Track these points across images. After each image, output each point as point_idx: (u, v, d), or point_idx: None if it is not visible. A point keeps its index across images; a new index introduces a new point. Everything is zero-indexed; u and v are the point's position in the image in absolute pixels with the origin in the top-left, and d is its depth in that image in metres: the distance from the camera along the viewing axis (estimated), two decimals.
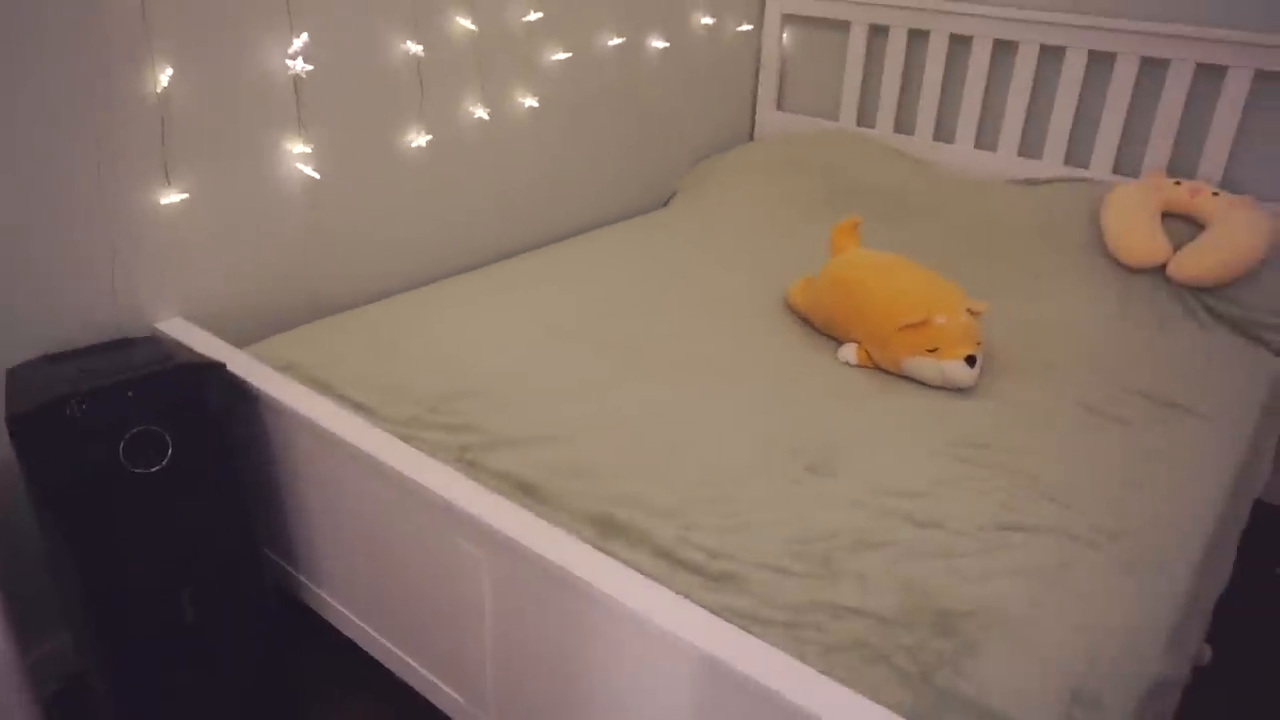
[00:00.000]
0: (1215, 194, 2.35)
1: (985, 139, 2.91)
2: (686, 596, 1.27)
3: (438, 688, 1.64)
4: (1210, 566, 1.59)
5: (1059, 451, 1.66)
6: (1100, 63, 2.64)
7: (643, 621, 1.20)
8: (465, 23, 2.26)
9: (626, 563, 1.34)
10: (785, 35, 3.24)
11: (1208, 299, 2.25)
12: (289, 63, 1.93)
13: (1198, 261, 2.24)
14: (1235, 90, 2.42)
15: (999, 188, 2.70)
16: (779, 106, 3.33)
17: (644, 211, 3.05)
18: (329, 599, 1.83)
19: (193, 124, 1.82)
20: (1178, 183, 2.41)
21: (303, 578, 1.88)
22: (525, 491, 1.49)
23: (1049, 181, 2.72)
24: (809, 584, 1.30)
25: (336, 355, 1.86)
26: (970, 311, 1.88)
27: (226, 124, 1.87)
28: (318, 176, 2.05)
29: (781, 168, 2.95)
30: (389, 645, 1.72)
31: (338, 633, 1.92)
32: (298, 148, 2.00)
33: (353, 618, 1.78)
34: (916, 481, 1.54)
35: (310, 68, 1.97)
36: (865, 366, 1.95)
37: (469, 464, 1.56)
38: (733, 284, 2.33)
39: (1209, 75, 2.49)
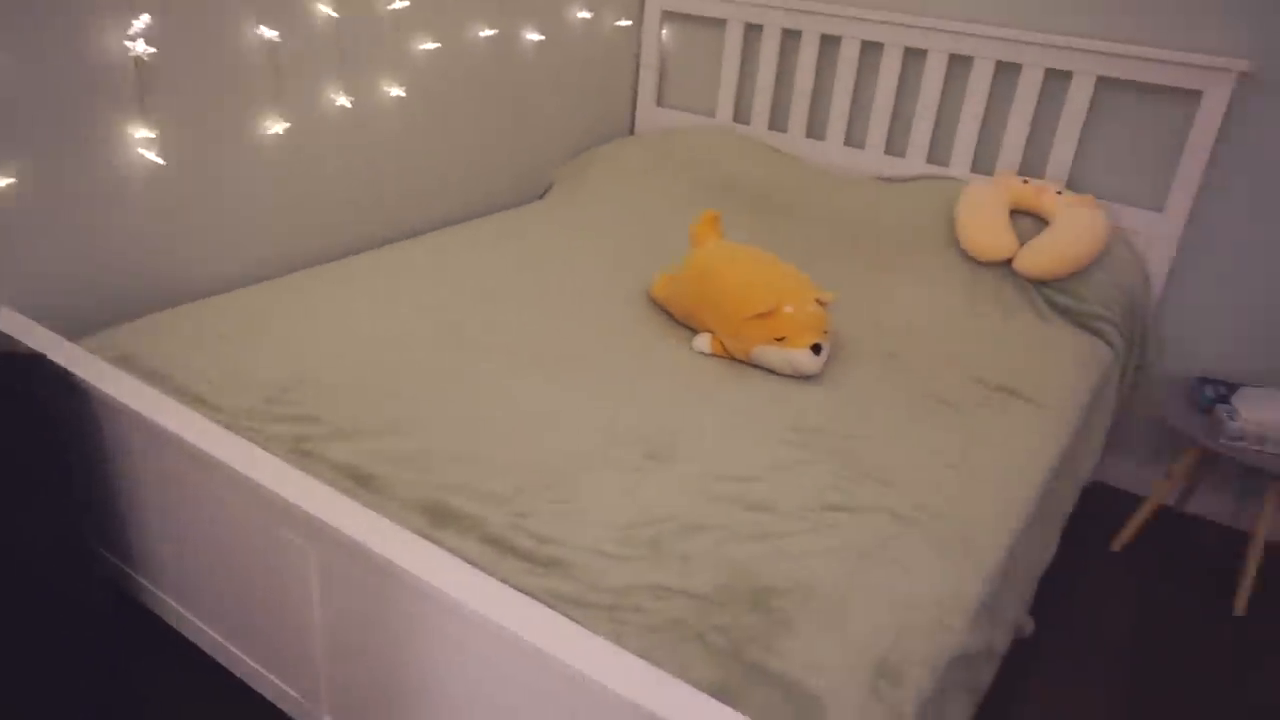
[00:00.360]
0: (1059, 193, 2.47)
1: (854, 136, 2.99)
2: (508, 582, 1.28)
3: (275, 685, 1.61)
4: (1030, 543, 1.67)
5: (891, 435, 1.72)
6: (960, 66, 2.75)
7: (459, 608, 1.20)
8: (325, 9, 2.22)
9: (454, 550, 1.34)
10: (665, 31, 3.27)
11: (1048, 292, 2.36)
12: (129, 44, 1.87)
13: (1040, 256, 2.34)
14: (1079, 94, 2.54)
15: (864, 184, 2.78)
16: (659, 102, 3.37)
17: (519, 204, 3.04)
18: (168, 599, 1.78)
19: (21, 106, 1.74)
20: (1026, 181, 2.52)
21: (141, 578, 1.82)
22: (360, 482, 1.48)
23: (913, 179, 2.81)
24: (634, 567, 1.32)
25: (179, 346, 1.81)
26: (818, 301, 1.93)
27: (61, 106, 1.79)
28: (163, 163, 1.99)
29: (657, 162, 2.98)
30: (227, 644, 1.68)
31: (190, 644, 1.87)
32: (140, 132, 1.93)
33: (192, 618, 1.74)
34: (752, 466, 1.58)
35: (153, 50, 1.91)
36: (719, 356, 1.98)
37: (304, 455, 1.54)
38: (600, 276, 2.35)
39: (1058, 80, 2.61)
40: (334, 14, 2.24)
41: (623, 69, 3.28)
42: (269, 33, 2.10)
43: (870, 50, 2.88)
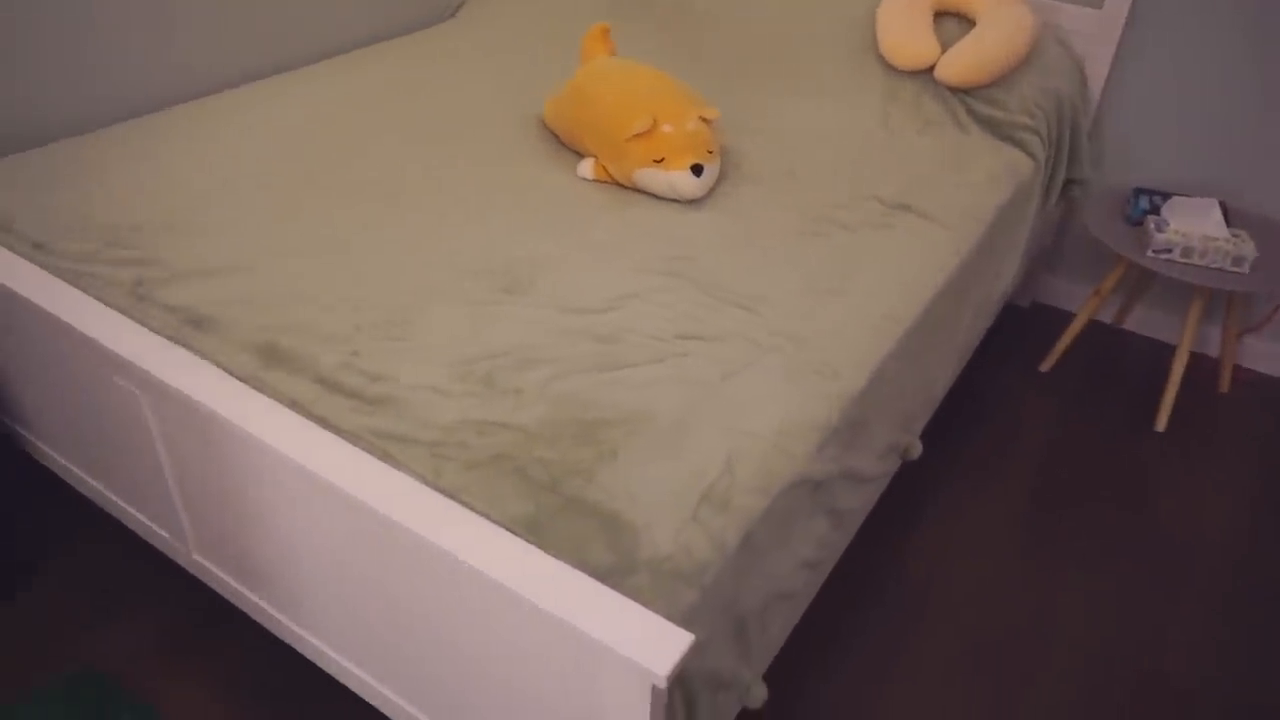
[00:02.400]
0: None
1: None
2: (332, 422, 1.24)
3: (147, 525, 1.61)
4: (909, 369, 1.62)
5: (770, 260, 1.64)
6: None
7: (273, 452, 1.18)
8: None
9: (282, 392, 1.29)
10: None
11: (970, 100, 2.22)
12: None
13: (961, 62, 2.18)
14: None
15: None
16: None
17: (427, 25, 2.85)
18: (41, 445, 1.77)
19: None
20: None
21: (23, 430, 1.80)
22: (194, 324, 1.42)
23: None
24: (464, 403, 1.28)
25: (22, 192, 1.71)
26: (702, 118, 1.81)
27: None
28: None
29: None
30: (101, 488, 1.68)
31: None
32: None
33: (64, 462, 1.73)
34: (610, 297, 1.51)
35: None
36: (602, 181, 1.88)
37: (141, 299, 1.47)
38: (499, 101, 2.21)
39: None
40: None
41: None
42: None
43: None
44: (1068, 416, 2.38)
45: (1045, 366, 2.55)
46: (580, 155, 1.98)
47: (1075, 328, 2.47)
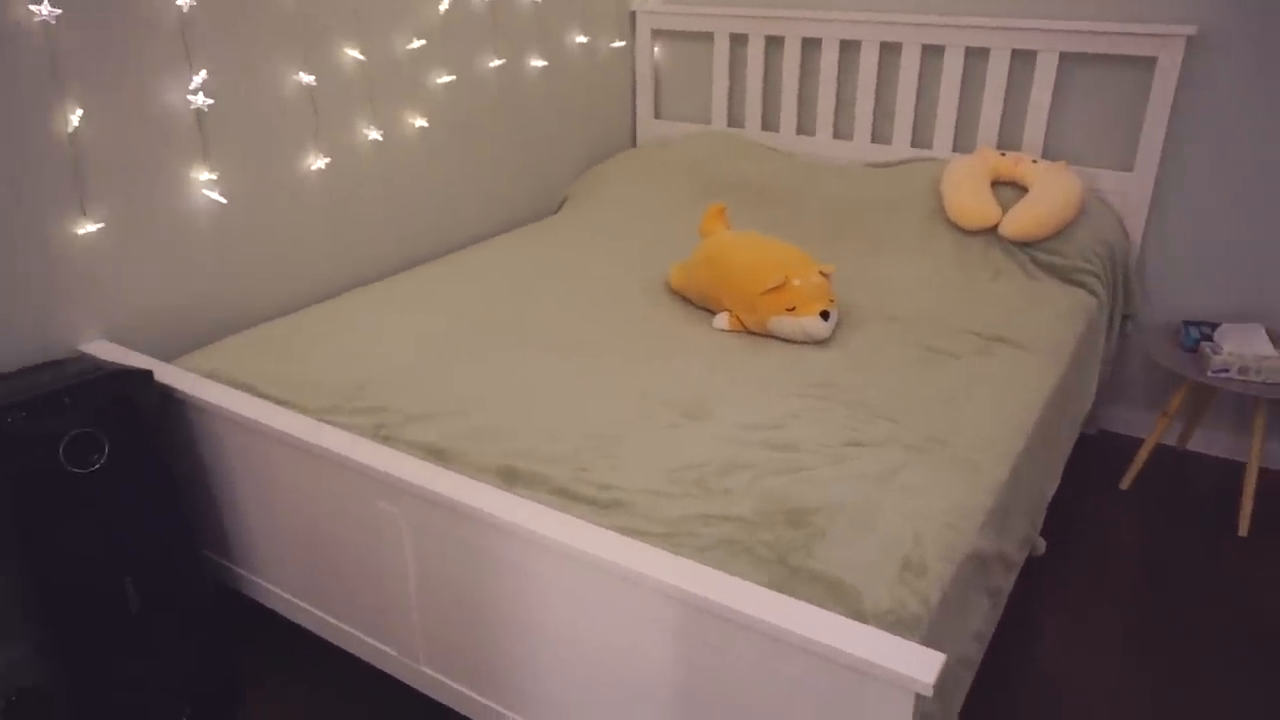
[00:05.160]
0: (1034, 162, 2.68)
1: (842, 129, 3.21)
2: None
3: (371, 645, 1.81)
4: (1032, 467, 1.86)
5: (897, 382, 1.92)
6: (934, 55, 2.96)
7: (541, 540, 1.41)
8: (353, 53, 2.45)
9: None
10: (656, 49, 3.50)
11: (1033, 252, 2.56)
12: (191, 98, 2.10)
13: (1022, 220, 2.55)
14: (1045, 71, 2.75)
15: (855, 171, 2.99)
16: (657, 114, 3.60)
17: (536, 219, 3.27)
18: (264, 583, 1.99)
19: (104, 159, 1.97)
20: (1003, 154, 2.73)
21: (239, 569, 2.03)
22: (436, 456, 1.68)
23: (899, 163, 3.03)
24: (684, 502, 1.52)
25: (253, 362, 2.03)
26: (821, 273, 2.14)
27: (136, 157, 2.02)
28: (225, 201, 2.21)
29: (660, 169, 3.20)
30: (322, 615, 1.88)
31: (284, 624, 2.07)
32: (204, 175, 2.16)
33: (287, 595, 1.94)
34: (776, 417, 1.78)
35: (211, 101, 2.14)
36: (737, 331, 2.19)
37: (385, 439, 1.74)
38: (620, 273, 2.56)
39: (1025, 59, 2.83)
40: (361, 57, 2.48)
41: (621, 86, 3.51)
42: (307, 78, 2.34)
43: (849, 48, 3.10)
44: (1155, 526, 2.58)
45: (1125, 484, 2.77)
46: (709, 312, 2.30)
47: (1149, 446, 2.71)
